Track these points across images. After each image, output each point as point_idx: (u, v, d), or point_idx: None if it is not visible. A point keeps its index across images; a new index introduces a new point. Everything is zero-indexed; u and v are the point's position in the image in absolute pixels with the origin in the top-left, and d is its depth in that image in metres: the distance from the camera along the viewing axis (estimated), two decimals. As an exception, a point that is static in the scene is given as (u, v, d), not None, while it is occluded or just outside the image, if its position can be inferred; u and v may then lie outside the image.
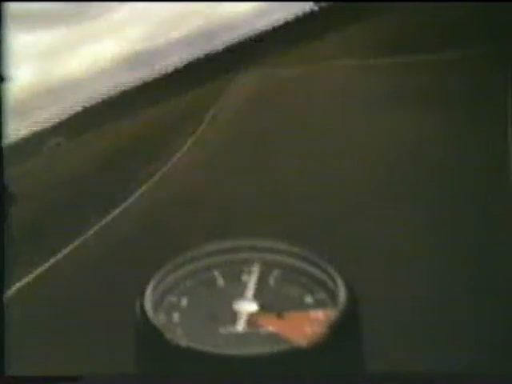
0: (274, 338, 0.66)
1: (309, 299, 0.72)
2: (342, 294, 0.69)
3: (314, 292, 0.73)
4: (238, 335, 0.67)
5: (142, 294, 0.70)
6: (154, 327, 0.66)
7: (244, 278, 0.75)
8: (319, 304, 0.71)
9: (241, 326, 0.68)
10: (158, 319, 0.68)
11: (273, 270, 0.76)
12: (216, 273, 0.76)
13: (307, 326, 0.67)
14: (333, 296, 0.70)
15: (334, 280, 0.71)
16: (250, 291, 0.72)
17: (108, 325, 2.71)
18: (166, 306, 0.71)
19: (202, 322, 0.69)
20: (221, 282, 0.75)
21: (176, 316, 0.70)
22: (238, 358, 0.63)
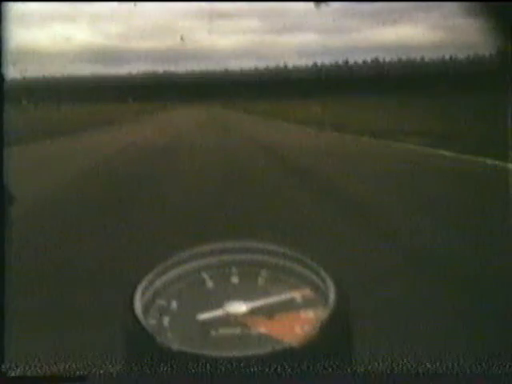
0: (264, 338, 0.66)
1: (299, 299, 0.71)
2: (331, 293, 0.68)
3: (303, 291, 0.72)
4: (229, 337, 0.67)
5: (132, 298, 0.69)
6: (145, 331, 0.66)
7: (233, 279, 0.75)
8: (309, 304, 0.70)
9: (231, 328, 0.68)
10: (149, 323, 0.67)
11: (261, 271, 0.75)
12: (205, 275, 0.76)
13: (298, 326, 0.67)
14: (323, 296, 0.70)
15: (323, 280, 0.71)
16: (240, 292, 0.72)
17: (100, 325, 2.71)
18: (156, 310, 0.71)
19: (192, 324, 0.68)
20: (210, 284, 0.75)
21: (166, 319, 0.69)
22: (230, 360, 0.62)
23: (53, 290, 3.48)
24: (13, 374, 0.84)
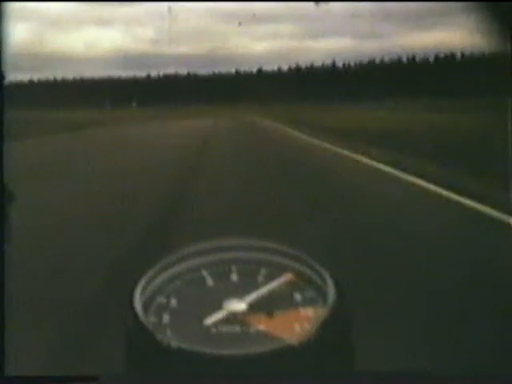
0: (264, 336, 0.66)
1: (298, 297, 0.71)
2: (331, 290, 0.68)
3: (302, 289, 0.72)
4: (229, 335, 0.67)
5: (132, 295, 0.69)
6: (145, 329, 0.65)
7: (233, 277, 0.75)
8: (308, 301, 0.70)
9: (231, 326, 0.68)
10: (148, 321, 0.67)
11: (261, 269, 0.75)
12: (204, 272, 0.75)
13: (297, 323, 0.67)
14: (322, 293, 0.70)
15: (322, 277, 0.71)
16: (240, 290, 0.72)
17: (101, 325, 2.71)
18: (156, 307, 0.70)
19: (191, 322, 0.68)
20: (210, 281, 0.74)
21: (166, 317, 0.69)
22: (229, 358, 0.62)
23: (53, 290, 3.48)
24: (14, 374, 0.84)
